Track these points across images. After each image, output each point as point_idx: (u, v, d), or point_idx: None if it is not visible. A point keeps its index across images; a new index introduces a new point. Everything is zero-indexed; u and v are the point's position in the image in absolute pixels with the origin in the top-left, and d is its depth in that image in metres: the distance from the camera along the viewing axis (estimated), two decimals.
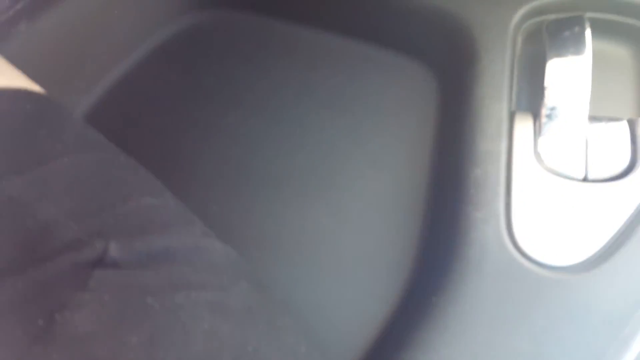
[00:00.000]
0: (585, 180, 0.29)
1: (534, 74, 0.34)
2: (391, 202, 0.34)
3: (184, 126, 0.40)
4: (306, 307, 0.31)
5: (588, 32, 0.31)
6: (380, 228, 0.34)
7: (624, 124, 0.30)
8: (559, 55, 0.31)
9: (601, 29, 0.34)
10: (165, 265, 0.19)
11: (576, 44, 0.31)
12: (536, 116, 0.31)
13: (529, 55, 0.35)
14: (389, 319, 0.31)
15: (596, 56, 0.31)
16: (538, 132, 0.30)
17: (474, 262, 0.28)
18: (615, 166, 0.29)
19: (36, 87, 0.25)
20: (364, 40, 0.41)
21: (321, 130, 0.38)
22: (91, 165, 0.22)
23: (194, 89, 0.41)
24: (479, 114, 0.32)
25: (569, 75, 0.30)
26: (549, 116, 0.30)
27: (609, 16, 0.34)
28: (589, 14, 0.33)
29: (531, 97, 0.34)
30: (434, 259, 0.31)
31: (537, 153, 0.30)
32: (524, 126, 0.31)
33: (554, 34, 0.32)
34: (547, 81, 0.31)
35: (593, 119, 0.30)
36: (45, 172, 0.21)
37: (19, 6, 0.36)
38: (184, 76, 0.42)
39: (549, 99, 0.30)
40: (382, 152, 0.36)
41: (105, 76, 0.42)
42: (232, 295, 0.20)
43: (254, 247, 0.34)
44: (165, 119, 0.40)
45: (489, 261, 0.28)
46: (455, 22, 0.36)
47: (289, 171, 0.36)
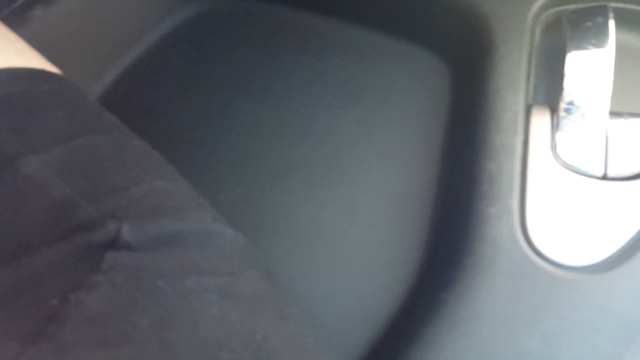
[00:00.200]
0: (604, 178, 0.29)
1: (552, 66, 0.33)
2: (401, 195, 0.34)
3: (193, 113, 0.39)
4: (313, 300, 0.31)
5: (611, 23, 0.30)
6: (389, 221, 0.33)
7: None
8: (579, 47, 0.30)
9: (625, 20, 0.33)
10: (177, 249, 0.19)
11: (598, 35, 0.30)
12: (554, 110, 0.30)
13: (547, 47, 0.34)
14: (396, 314, 0.31)
15: (619, 49, 0.30)
16: (556, 126, 0.30)
17: (485, 259, 0.28)
18: (636, 164, 0.28)
19: (54, 69, 0.25)
20: (376, 29, 0.40)
21: (331, 120, 0.37)
22: (106, 146, 0.22)
23: (203, 76, 0.41)
24: (494, 106, 0.31)
25: (589, 68, 0.29)
26: (567, 110, 0.29)
27: (634, 7, 0.33)
28: (613, 4, 0.32)
29: (549, 90, 0.33)
30: (444, 254, 0.31)
31: (554, 148, 0.29)
32: (541, 120, 0.30)
33: (575, 24, 0.31)
34: (567, 74, 0.30)
35: (614, 114, 0.29)
36: (61, 152, 0.21)
37: None
38: (193, 63, 0.42)
39: (568, 92, 0.29)
40: (392, 143, 0.36)
41: (115, 63, 0.42)
42: (242, 281, 0.20)
43: (260, 236, 0.33)
44: (174, 106, 0.40)
45: (501, 258, 0.27)
46: (471, 11, 0.35)
47: (298, 161, 0.36)
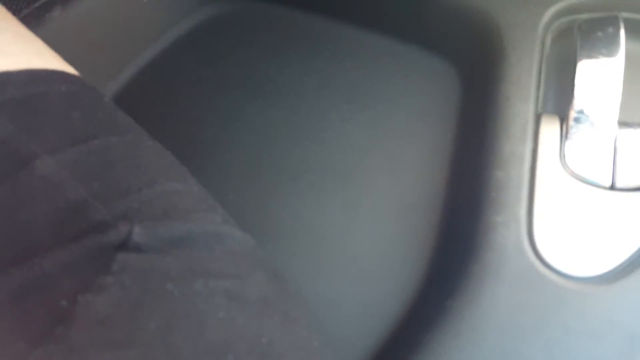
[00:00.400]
0: (612, 188, 0.28)
1: (562, 75, 0.33)
2: (409, 200, 0.34)
3: (204, 115, 0.40)
4: (318, 303, 0.31)
5: (622, 33, 0.30)
6: (396, 227, 0.33)
7: None
8: (590, 57, 0.30)
9: (636, 30, 0.32)
10: (186, 250, 0.19)
11: (609, 45, 0.30)
12: (563, 119, 0.30)
13: (558, 56, 0.34)
14: (401, 319, 0.30)
15: (629, 59, 0.30)
16: (565, 135, 0.30)
17: (491, 267, 0.28)
18: None
19: (71, 70, 0.25)
20: (388, 34, 0.40)
21: (340, 124, 0.37)
22: (120, 147, 0.22)
23: (215, 78, 0.41)
24: (503, 114, 0.31)
25: (599, 78, 0.29)
26: (577, 119, 0.29)
27: None
28: (624, 14, 0.32)
29: (559, 99, 0.33)
30: (450, 261, 0.31)
31: (562, 157, 0.29)
32: (550, 129, 0.30)
33: (586, 34, 0.31)
34: (577, 83, 0.29)
35: (623, 124, 0.29)
36: (76, 153, 0.21)
37: None
38: (205, 66, 0.42)
39: (577, 101, 0.29)
40: (401, 149, 0.36)
41: (129, 64, 0.43)
42: (249, 284, 0.20)
43: (267, 238, 0.33)
44: (186, 107, 0.40)
45: (507, 267, 0.27)
46: (482, 19, 0.35)
47: (307, 164, 0.36)
